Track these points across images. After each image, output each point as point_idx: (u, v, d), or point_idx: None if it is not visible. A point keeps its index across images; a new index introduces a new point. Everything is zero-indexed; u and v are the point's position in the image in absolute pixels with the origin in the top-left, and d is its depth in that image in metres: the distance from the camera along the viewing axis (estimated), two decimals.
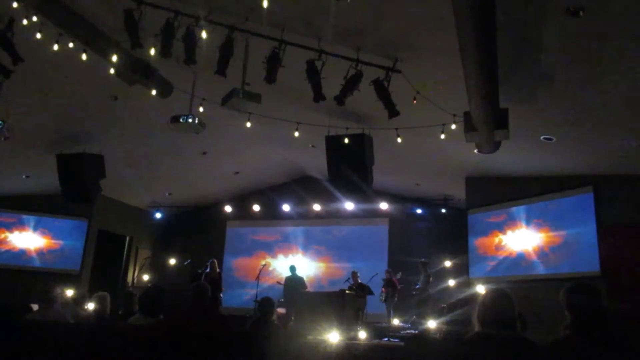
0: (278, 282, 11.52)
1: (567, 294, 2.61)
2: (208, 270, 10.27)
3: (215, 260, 10.58)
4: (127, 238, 13.75)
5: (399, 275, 10.67)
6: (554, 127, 7.13)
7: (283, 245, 13.99)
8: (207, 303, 3.84)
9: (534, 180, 9.46)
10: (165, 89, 6.79)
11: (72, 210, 11.66)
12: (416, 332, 8.47)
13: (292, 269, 11.14)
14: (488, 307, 2.58)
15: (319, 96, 5.82)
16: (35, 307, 4.83)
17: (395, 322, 10.11)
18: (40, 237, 12.30)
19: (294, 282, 10.73)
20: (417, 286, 10.54)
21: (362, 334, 7.80)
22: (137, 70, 6.09)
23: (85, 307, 5.50)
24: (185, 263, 12.51)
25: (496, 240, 10.12)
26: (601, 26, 4.64)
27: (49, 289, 4.51)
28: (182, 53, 5.44)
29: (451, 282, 10.86)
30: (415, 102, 5.97)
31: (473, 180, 10.45)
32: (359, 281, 10.22)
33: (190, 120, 6.56)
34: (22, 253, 12.10)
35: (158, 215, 14.35)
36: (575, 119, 6.73)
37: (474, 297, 8.63)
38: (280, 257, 13.89)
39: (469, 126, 5.96)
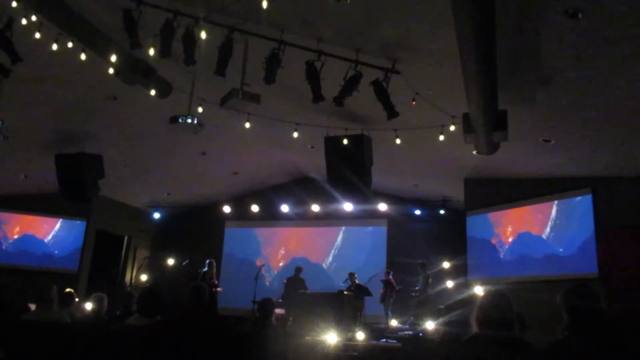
0: (284, 282, 11.50)
1: (565, 296, 2.61)
2: (205, 269, 10.27)
3: (213, 261, 10.57)
4: (126, 238, 13.74)
5: (391, 275, 10.66)
6: (552, 129, 7.14)
7: (281, 246, 13.99)
8: (205, 303, 3.84)
9: (532, 182, 9.47)
10: (165, 89, 6.79)
11: (70, 210, 11.65)
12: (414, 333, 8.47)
13: (297, 270, 11.09)
14: (486, 309, 2.58)
15: (318, 97, 5.82)
16: (33, 307, 4.82)
17: (394, 323, 10.11)
18: (39, 237, 12.29)
19: (294, 283, 10.71)
20: (417, 287, 10.55)
21: (360, 335, 7.80)
22: (137, 71, 6.08)
23: (82, 306, 5.49)
24: (184, 263, 12.50)
25: (494, 241, 10.13)
26: (599, 28, 4.65)
27: (46, 288, 4.50)
28: (181, 53, 5.44)
29: (449, 284, 10.86)
30: (414, 103, 5.98)
31: (472, 182, 10.46)
32: (357, 282, 10.21)
33: (189, 120, 6.56)
34: (20, 253, 12.08)
35: (156, 215, 14.33)
36: (574, 120, 6.75)
37: (472, 298, 8.64)
38: (279, 257, 13.89)
39: (467, 128, 5.96)
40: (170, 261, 13.52)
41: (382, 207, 12.33)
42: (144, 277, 13.61)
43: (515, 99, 6.06)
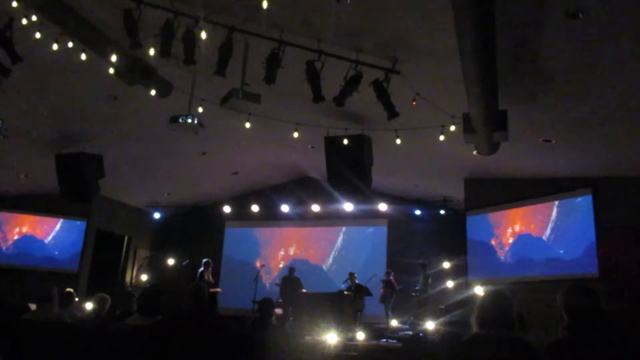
0: (277, 284, 11.53)
1: (565, 296, 2.61)
2: (202, 269, 10.28)
3: (210, 260, 10.57)
4: (126, 238, 13.74)
5: (392, 276, 10.67)
6: (553, 129, 7.14)
7: (281, 246, 13.98)
8: (205, 303, 3.83)
9: (532, 182, 9.47)
10: (165, 89, 6.79)
11: (70, 210, 11.67)
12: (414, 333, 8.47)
13: (290, 269, 11.14)
14: (487, 309, 2.57)
15: (318, 97, 5.82)
16: (33, 306, 4.82)
17: (394, 323, 10.11)
18: (39, 237, 12.29)
19: (290, 283, 10.72)
20: (417, 287, 10.56)
21: (361, 335, 7.81)
22: (137, 70, 6.08)
23: (82, 306, 5.49)
24: (184, 263, 12.51)
25: (495, 241, 10.13)
26: (600, 28, 4.65)
27: (47, 288, 4.50)
28: (181, 53, 5.44)
29: (450, 284, 10.87)
30: (414, 103, 5.98)
31: (472, 182, 10.46)
32: (357, 282, 10.22)
33: (189, 120, 6.56)
34: (20, 253, 12.08)
35: (157, 215, 14.34)
36: (574, 120, 6.74)
37: (473, 298, 8.65)
38: (279, 258, 13.89)
39: (468, 127, 5.96)
40: (170, 261, 13.53)
41: (382, 207, 12.34)
42: (144, 277, 13.61)
43: (515, 99, 6.06)
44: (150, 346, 3.41)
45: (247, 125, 7.11)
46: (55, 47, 5.72)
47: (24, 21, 5.45)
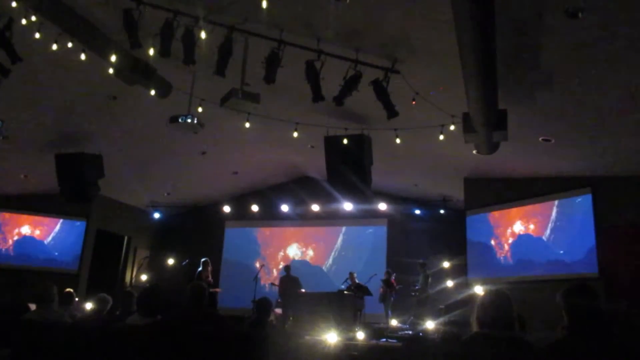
0: (273, 284, 11.53)
1: (565, 295, 2.61)
2: (200, 269, 10.28)
3: (208, 259, 10.57)
4: (126, 238, 13.74)
5: (393, 277, 10.66)
6: (552, 128, 7.14)
7: (281, 246, 13.98)
8: (205, 303, 3.83)
9: (532, 181, 9.47)
10: (164, 89, 6.79)
11: (70, 210, 11.67)
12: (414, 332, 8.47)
13: (287, 269, 11.15)
14: (486, 308, 2.57)
15: (318, 96, 5.82)
16: (33, 306, 4.82)
17: (394, 322, 10.11)
18: (38, 238, 12.29)
19: (288, 283, 10.72)
20: (417, 287, 10.55)
21: (361, 335, 7.81)
22: (136, 70, 6.09)
23: (82, 306, 5.49)
24: (184, 263, 12.50)
25: (494, 241, 10.13)
26: (600, 27, 4.65)
27: (47, 288, 4.50)
28: (181, 53, 5.44)
29: (449, 283, 10.87)
30: (414, 103, 5.98)
31: (471, 181, 10.46)
32: (357, 282, 10.21)
33: (189, 120, 6.56)
34: (20, 253, 12.08)
35: (157, 215, 14.34)
36: (574, 120, 6.74)
37: (472, 298, 8.64)
38: (279, 258, 13.89)
39: (467, 127, 5.96)
40: (170, 261, 13.52)
41: (382, 206, 12.34)
42: (144, 277, 13.61)
43: (515, 98, 6.06)
44: (150, 346, 3.41)
45: (247, 125, 7.12)
46: (55, 47, 5.72)
47: (24, 21, 5.45)
